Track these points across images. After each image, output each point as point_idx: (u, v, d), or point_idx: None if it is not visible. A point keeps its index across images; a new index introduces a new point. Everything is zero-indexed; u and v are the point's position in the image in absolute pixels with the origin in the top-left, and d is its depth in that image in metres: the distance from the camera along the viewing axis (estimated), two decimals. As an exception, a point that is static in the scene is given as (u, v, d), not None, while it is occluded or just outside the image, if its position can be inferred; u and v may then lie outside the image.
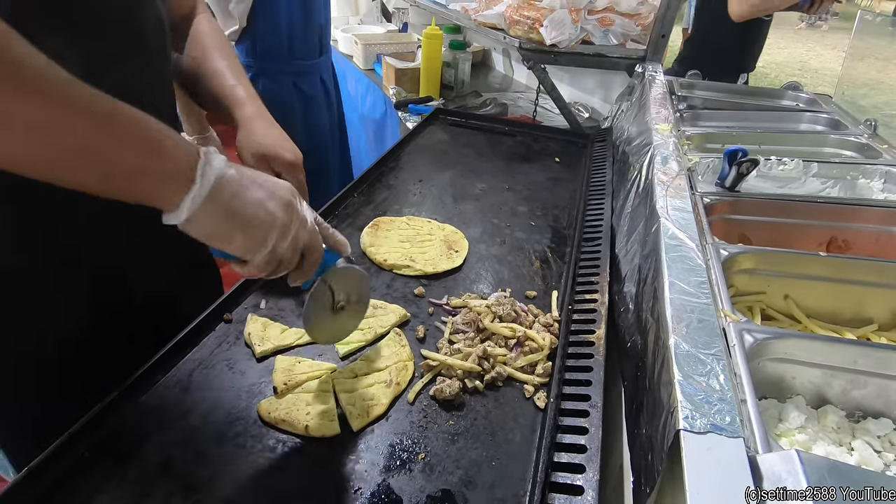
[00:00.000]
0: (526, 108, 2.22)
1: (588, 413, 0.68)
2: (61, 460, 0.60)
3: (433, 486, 0.62)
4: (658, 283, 0.67)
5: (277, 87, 1.65)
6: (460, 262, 1.02)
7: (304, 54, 1.67)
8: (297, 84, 1.69)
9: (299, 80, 1.69)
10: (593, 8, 1.67)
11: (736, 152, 0.94)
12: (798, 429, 0.63)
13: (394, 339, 0.82)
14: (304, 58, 1.68)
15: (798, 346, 0.65)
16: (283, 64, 1.64)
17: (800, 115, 1.45)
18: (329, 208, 1.15)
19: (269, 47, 1.59)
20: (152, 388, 0.71)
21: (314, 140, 1.80)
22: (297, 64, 1.67)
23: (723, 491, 0.42)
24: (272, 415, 0.67)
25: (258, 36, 1.57)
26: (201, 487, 0.59)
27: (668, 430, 0.49)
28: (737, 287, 0.83)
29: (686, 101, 1.50)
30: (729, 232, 0.97)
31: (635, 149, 1.19)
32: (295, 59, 1.65)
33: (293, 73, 1.67)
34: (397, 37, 2.74)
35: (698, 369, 0.52)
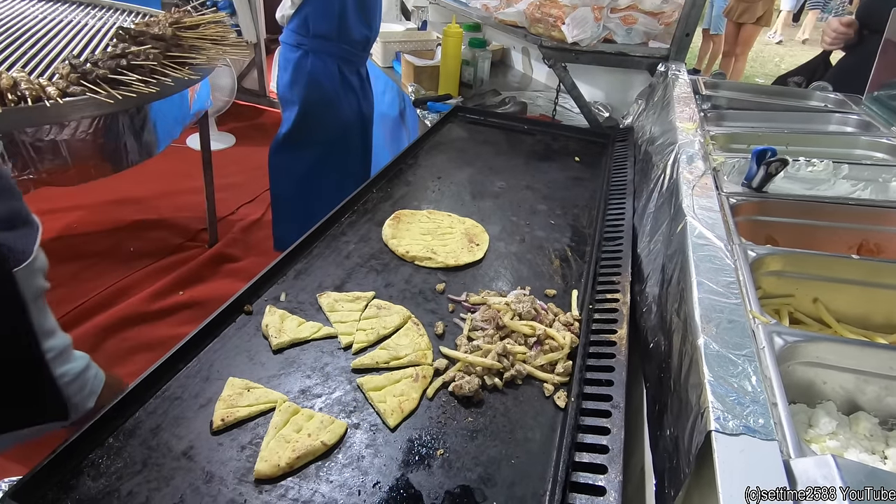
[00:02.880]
0: (545, 106, 2.20)
1: (610, 413, 0.67)
2: (86, 446, 0.61)
3: (452, 482, 0.61)
4: (685, 282, 0.66)
5: (324, 66, 1.77)
6: (481, 255, 1.02)
7: (352, 42, 1.78)
8: (341, 69, 1.80)
9: (343, 66, 1.81)
10: (616, 6, 1.65)
11: (765, 152, 0.91)
12: (829, 435, 0.61)
13: (412, 329, 0.82)
14: (351, 45, 1.79)
15: (830, 350, 0.63)
16: (332, 45, 1.76)
17: (828, 116, 1.41)
18: (348, 203, 1.15)
19: (321, 27, 1.71)
20: (174, 378, 0.72)
21: (344, 127, 1.89)
22: (345, 49, 1.78)
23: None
24: (281, 465, 0.60)
25: (311, 15, 1.69)
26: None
27: (696, 431, 0.48)
28: (764, 289, 0.81)
29: (710, 101, 1.47)
30: (755, 233, 0.95)
31: (658, 148, 1.17)
32: (343, 43, 1.77)
33: (339, 57, 1.79)
34: (416, 35, 2.74)
35: (729, 370, 0.51)
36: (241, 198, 3.13)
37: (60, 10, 2.20)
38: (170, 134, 1.91)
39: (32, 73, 1.50)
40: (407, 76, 2.33)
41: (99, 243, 2.63)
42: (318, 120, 1.87)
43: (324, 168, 1.93)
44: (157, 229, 2.79)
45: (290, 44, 1.80)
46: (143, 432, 0.64)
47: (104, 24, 2.10)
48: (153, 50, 1.57)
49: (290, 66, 1.81)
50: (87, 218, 2.81)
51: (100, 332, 2.06)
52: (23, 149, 1.39)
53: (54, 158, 1.45)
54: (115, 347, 2.02)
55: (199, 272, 2.48)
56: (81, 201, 2.89)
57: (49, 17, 2.07)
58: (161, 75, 1.54)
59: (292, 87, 1.83)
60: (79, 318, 2.13)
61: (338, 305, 0.86)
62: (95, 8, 2.32)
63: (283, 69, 1.85)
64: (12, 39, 1.75)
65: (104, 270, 2.42)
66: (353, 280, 0.94)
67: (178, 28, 1.80)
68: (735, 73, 5.51)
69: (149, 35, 1.66)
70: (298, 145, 1.91)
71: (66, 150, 1.47)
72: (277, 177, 2.02)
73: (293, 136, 1.90)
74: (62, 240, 2.63)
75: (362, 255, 1.01)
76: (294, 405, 0.68)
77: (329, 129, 1.90)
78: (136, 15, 2.32)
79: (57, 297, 2.22)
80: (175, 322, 2.18)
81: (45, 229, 2.12)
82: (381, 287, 0.93)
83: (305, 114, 1.86)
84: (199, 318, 0.79)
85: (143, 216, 2.88)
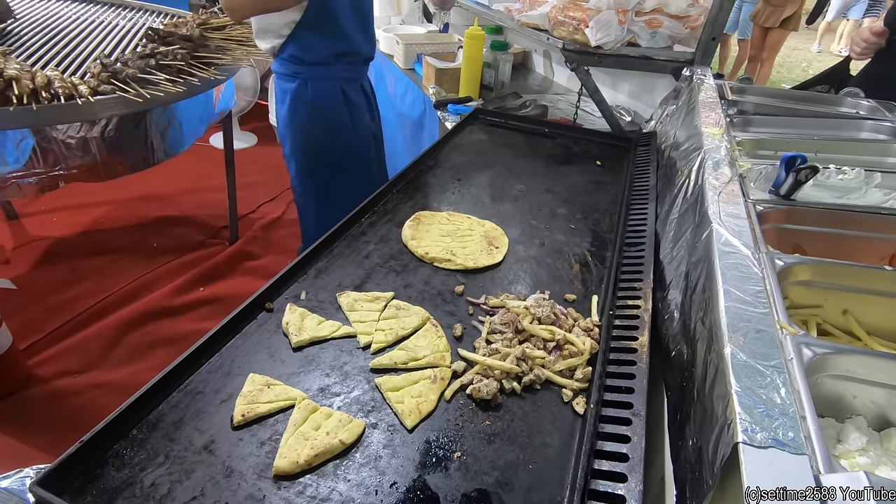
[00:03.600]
0: (566, 110, 2.19)
1: (630, 421, 0.66)
2: (111, 437, 0.62)
3: (469, 485, 0.61)
4: (711, 290, 0.65)
5: (327, 93, 1.63)
6: (500, 258, 1.01)
7: (354, 61, 1.65)
8: (344, 90, 1.66)
9: (346, 87, 1.67)
10: (641, 9, 1.63)
11: (794, 158, 0.89)
12: (859, 451, 0.59)
13: (430, 330, 0.82)
14: (353, 64, 1.66)
15: (861, 364, 0.61)
16: (333, 69, 1.61)
17: (860, 123, 1.37)
18: (368, 204, 1.16)
19: (318, 53, 1.56)
20: (196, 372, 0.73)
21: (356, 147, 1.77)
22: (347, 69, 1.65)
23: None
24: (300, 462, 0.61)
25: (304, 43, 1.54)
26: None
27: (722, 442, 0.46)
28: (791, 299, 0.79)
29: (737, 106, 1.45)
30: (782, 242, 0.93)
31: (683, 153, 1.15)
32: (345, 64, 1.63)
33: (342, 79, 1.65)
34: (438, 37, 2.75)
35: (757, 381, 0.49)
36: (261, 196, 3.17)
37: (93, 10, 2.26)
38: (195, 133, 1.95)
39: (66, 72, 1.55)
40: (428, 78, 2.33)
41: (124, 238, 2.69)
42: (326, 151, 1.70)
43: (342, 193, 1.78)
44: (180, 226, 2.84)
45: (284, 74, 1.61)
46: (165, 425, 0.65)
47: (134, 25, 2.15)
48: (181, 50, 1.60)
49: (287, 97, 1.62)
50: (114, 214, 2.88)
51: (122, 326, 2.11)
52: (55, 145, 1.43)
53: (84, 155, 1.49)
54: (138, 341, 2.06)
55: (219, 269, 2.52)
56: (108, 197, 2.96)
57: (82, 17, 2.13)
58: (188, 75, 1.57)
59: (292, 119, 1.64)
60: (103, 311, 2.18)
61: (357, 305, 0.87)
62: (126, 9, 2.38)
63: (280, 102, 1.65)
64: (47, 39, 1.81)
65: (128, 265, 2.48)
66: (372, 280, 0.95)
67: (206, 29, 1.84)
68: (761, 78, 5.40)
69: (177, 36, 1.70)
70: (315, 182, 1.75)
71: (96, 146, 1.51)
72: (306, 216, 1.85)
73: (306, 173, 1.74)
74: (89, 234, 2.70)
75: (382, 255, 1.02)
76: (313, 403, 0.69)
77: (338, 157, 1.72)
78: (165, 16, 2.38)
79: (83, 291, 2.28)
80: (195, 317, 2.22)
81: (73, 224, 2.20)
82: (401, 288, 0.93)
83: (311, 148, 1.68)
84: (220, 314, 0.80)
85: (166, 213, 2.94)
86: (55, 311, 2.15)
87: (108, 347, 2.02)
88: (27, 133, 1.37)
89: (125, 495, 0.57)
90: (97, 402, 1.80)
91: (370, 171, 1.86)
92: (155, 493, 0.57)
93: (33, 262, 2.46)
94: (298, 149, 1.69)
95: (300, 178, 1.75)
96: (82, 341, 2.03)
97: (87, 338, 2.05)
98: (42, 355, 1.96)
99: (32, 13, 2.06)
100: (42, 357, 1.95)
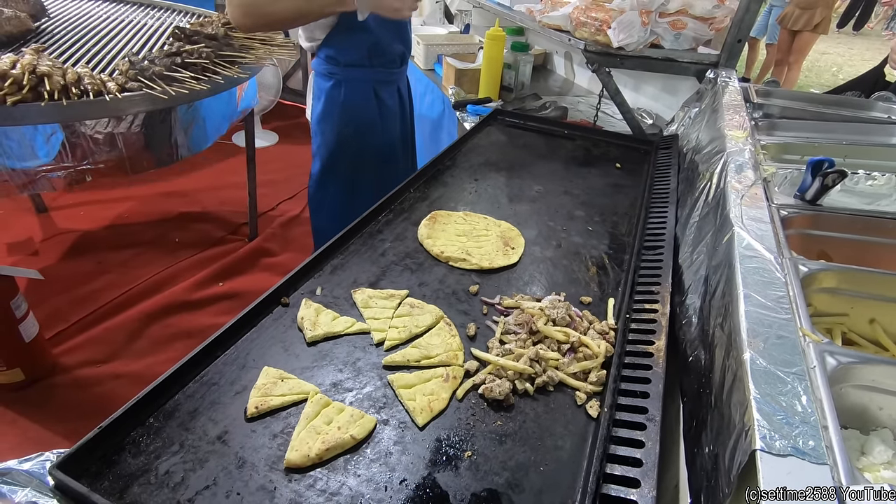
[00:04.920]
0: (586, 112, 2.17)
1: (645, 426, 0.65)
2: (128, 424, 0.63)
3: (479, 485, 0.60)
4: (731, 295, 0.63)
5: (359, 96, 1.64)
6: (516, 259, 1.01)
7: (385, 63, 1.66)
8: (377, 92, 1.67)
9: (379, 88, 1.68)
10: (665, 10, 1.60)
11: (821, 163, 0.87)
12: (884, 464, 0.57)
13: (444, 329, 0.81)
14: (386, 66, 1.66)
15: (888, 375, 0.59)
16: (366, 72, 1.63)
17: (891, 128, 1.33)
18: (385, 202, 1.16)
19: (351, 55, 1.59)
20: (212, 364, 0.74)
21: (385, 151, 1.77)
22: (380, 71, 1.66)
23: (802, 521, 0.38)
24: (311, 456, 0.61)
25: (339, 45, 1.57)
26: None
27: (739, 450, 0.45)
28: (815, 307, 0.77)
29: (762, 110, 1.42)
30: (807, 248, 0.90)
31: (706, 156, 1.13)
32: (377, 66, 1.64)
33: (374, 81, 1.66)
34: (459, 38, 2.75)
35: (777, 388, 0.48)
36: (281, 194, 3.22)
37: (122, 10, 2.32)
38: (217, 130, 1.98)
39: (95, 69, 1.59)
40: (448, 79, 2.34)
41: (147, 233, 2.75)
42: (354, 152, 1.72)
43: (361, 191, 1.78)
44: (201, 222, 2.90)
45: (321, 73, 1.65)
46: (181, 414, 0.66)
47: (161, 24, 2.20)
48: (206, 49, 1.64)
49: (322, 95, 1.66)
50: (138, 209, 2.95)
51: (144, 318, 2.15)
52: (83, 140, 1.47)
53: (111, 150, 1.53)
54: (158, 333, 2.11)
55: (238, 265, 2.56)
56: (133, 193, 3.04)
57: (112, 16, 2.19)
58: (212, 73, 1.60)
59: (324, 119, 1.67)
60: (126, 303, 2.23)
61: (372, 302, 0.87)
62: (155, 9, 2.43)
63: (317, 98, 1.70)
64: (79, 37, 1.86)
65: (151, 259, 2.53)
66: (387, 278, 0.95)
67: (230, 28, 1.87)
68: (788, 82, 5.28)
69: (203, 35, 1.73)
70: (336, 180, 1.77)
71: (122, 142, 1.55)
72: (318, 211, 1.86)
73: (328, 170, 1.75)
74: (114, 228, 2.77)
75: (397, 253, 1.02)
76: (325, 397, 0.69)
77: (364, 157, 1.73)
78: (192, 16, 2.43)
79: (107, 283, 2.34)
80: (214, 312, 2.26)
81: (100, 218, 2.25)
82: (415, 286, 0.93)
83: (339, 147, 1.70)
84: (237, 309, 0.81)
85: (188, 209, 3.00)
86: (80, 302, 2.21)
87: (129, 338, 2.07)
88: (57, 128, 1.41)
89: (140, 481, 0.58)
90: (118, 391, 1.85)
91: (394, 173, 1.86)
92: (169, 480, 0.58)
93: (61, 253, 2.54)
94: (327, 146, 1.71)
95: (322, 173, 1.76)
96: (105, 332, 2.09)
97: (111, 329, 2.10)
98: (67, 344, 2.01)
99: (65, 12, 2.12)
100: (67, 346, 2.01)
